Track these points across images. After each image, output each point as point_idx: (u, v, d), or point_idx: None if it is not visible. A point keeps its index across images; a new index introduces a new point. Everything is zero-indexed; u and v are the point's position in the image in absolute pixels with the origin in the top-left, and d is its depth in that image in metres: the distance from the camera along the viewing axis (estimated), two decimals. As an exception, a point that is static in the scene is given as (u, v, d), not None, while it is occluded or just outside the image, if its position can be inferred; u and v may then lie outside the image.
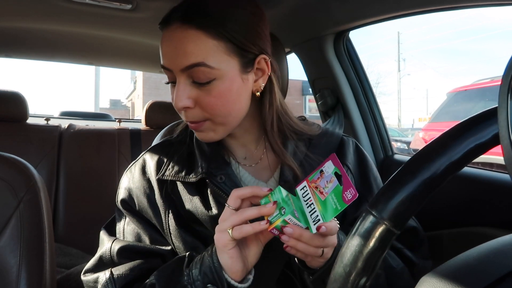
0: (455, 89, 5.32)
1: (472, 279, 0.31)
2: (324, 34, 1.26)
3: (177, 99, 0.62)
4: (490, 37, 57.38)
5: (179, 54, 0.60)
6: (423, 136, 5.37)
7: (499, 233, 0.74)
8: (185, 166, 0.69)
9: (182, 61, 0.60)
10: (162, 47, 0.63)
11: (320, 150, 0.74)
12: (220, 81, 0.61)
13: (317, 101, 1.44)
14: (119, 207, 0.72)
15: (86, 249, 1.61)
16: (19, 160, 0.80)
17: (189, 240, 0.66)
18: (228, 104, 0.63)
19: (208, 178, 0.66)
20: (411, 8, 0.99)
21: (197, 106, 0.63)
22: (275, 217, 0.55)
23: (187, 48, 0.60)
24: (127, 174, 0.75)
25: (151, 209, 0.68)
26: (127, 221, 0.71)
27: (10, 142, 1.71)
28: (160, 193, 0.68)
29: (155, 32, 1.64)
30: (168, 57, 0.62)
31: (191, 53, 0.60)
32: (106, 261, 0.67)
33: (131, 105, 24.12)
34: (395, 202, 0.35)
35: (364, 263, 0.36)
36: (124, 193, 0.72)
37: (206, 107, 0.62)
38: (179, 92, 0.61)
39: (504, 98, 0.30)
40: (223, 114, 0.64)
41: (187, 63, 0.60)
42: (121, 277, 0.63)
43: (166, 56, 0.63)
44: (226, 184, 0.66)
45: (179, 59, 0.61)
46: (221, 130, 0.66)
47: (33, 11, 1.38)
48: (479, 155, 0.36)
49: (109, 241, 0.68)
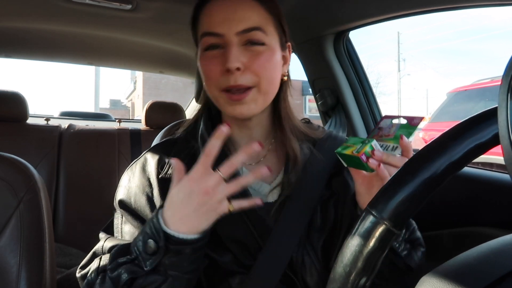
0: (455, 89, 5.31)
1: (472, 279, 0.31)
2: (324, 34, 1.26)
3: (232, 59, 0.63)
4: (490, 37, 57.42)
5: (235, 19, 0.64)
6: (423, 136, 5.37)
7: (499, 233, 0.74)
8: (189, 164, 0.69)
9: (239, 25, 0.64)
10: (212, 14, 0.66)
11: (324, 154, 0.74)
12: (269, 48, 0.66)
13: (317, 101, 1.44)
14: (116, 205, 0.72)
15: (86, 249, 1.60)
16: (19, 160, 0.80)
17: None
18: (273, 71, 0.67)
19: None
20: (411, 8, 0.99)
21: (247, 70, 0.65)
22: (360, 148, 0.59)
23: (245, 14, 0.65)
24: (127, 173, 0.74)
25: (148, 207, 0.67)
26: (124, 220, 0.70)
27: (10, 142, 1.71)
28: (160, 192, 0.67)
29: (155, 32, 1.65)
30: (222, 20, 0.65)
31: (249, 18, 0.65)
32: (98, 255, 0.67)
33: (131, 105, 24.12)
34: (395, 202, 0.35)
35: (364, 263, 0.36)
36: (123, 191, 0.71)
37: (256, 69, 0.65)
38: (233, 53, 0.63)
39: (504, 98, 0.30)
40: (269, 79, 0.67)
41: (245, 26, 0.64)
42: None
43: (219, 19, 0.65)
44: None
45: (235, 23, 0.64)
46: (261, 101, 0.67)
47: (33, 11, 1.38)
48: (479, 155, 0.36)
49: (102, 239, 0.69)
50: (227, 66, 0.63)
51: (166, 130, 1.08)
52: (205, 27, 0.66)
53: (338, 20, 1.18)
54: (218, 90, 0.66)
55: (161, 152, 0.72)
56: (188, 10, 0.72)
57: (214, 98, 0.68)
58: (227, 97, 0.65)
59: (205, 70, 0.67)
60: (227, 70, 0.63)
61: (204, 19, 0.67)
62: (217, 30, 0.65)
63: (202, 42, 0.67)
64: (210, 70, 0.66)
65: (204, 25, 0.67)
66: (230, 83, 0.64)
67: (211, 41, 0.66)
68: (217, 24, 0.65)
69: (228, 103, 0.66)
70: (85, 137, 1.87)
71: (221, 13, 0.65)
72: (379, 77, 27.71)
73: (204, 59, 0.67)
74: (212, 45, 0.66)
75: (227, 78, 0.64)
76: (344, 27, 1.22)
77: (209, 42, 0.66)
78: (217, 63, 0.65)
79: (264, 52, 0.65)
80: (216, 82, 0.65)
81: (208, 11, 0.67)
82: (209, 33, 0.66)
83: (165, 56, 1.95)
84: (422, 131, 5.71)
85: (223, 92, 0.65)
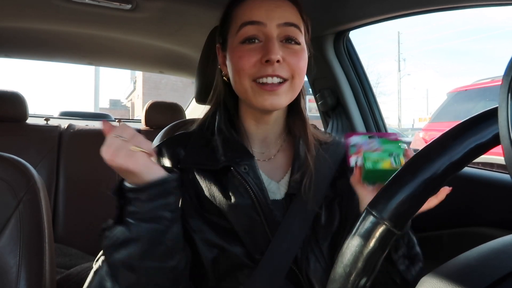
0: (455, 89, 5.31)
1: (473, 279, 0.31)
2: (324, 34, 1.26)
3: (275, 51, 0.65)
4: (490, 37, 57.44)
5: (279, 11, 0.68)
6: (423, 136, 5.36)
7: (499, 233, 0.74)
8: (205, 155, 0.71)
9: (283, 17, 0.67)
10: (255, 5, 0.68)
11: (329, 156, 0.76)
12: (302, 48, 0.70)
13: (317, 101, 1.44)
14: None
15: (86, 249, 1.61)
16: (19, 160, 0.80)
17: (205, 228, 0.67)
18: (304, 70, 0.71)
19: (233, 166, 0.68)
20: (411, 8, 0.99)
21: (284, 63, 0.67)
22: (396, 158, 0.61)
23: (285, 11, 0.69)
24: None
25: None
26: None
27: (10, 142, 1.71)
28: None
29: (155, 32, 1.65)
30: (264, 12, 0.67)
31: (289, 15, 0.69)
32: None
33: (130, 105, 24.11)
34: (396, 202, 0.35)
35: (364, 264, 0.35)
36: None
37: (293, 65, 0.68)
38: (275, 46, 0.66)
39: (504, 98, 0.30)
40: (301, 76, 0.70)
41: (288, 20, 0.68)
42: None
43: (261, 11, 0.67)
44: (249, 175, 0.68)
45: (279, 14, 0.67)
46: (290, 96, 0.70)
47: (33, 11, 1.38)
48: (480, 155, 0.36)
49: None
50: (269, 57, 0.65)
51: (166, 130, 1.08)
52: (246, 18, 0.68)
53: (338, 20, 1.18)
54: (250, 80, 0.67)
55: (176, 144, 0.74)
56: (188, 10, 0.73)
57: (244, 90, 0.69)
58: (260, 88, 0.67)
59: (240, 61, 0.67)
60: (266, 61, 0.65)
61: (243, 12, 0.69)
62: (260, 18, 0.67)
63: (240, 34, 0.68)
64: (246, 61, 0.67)
65: (244, 16, 0.68)
66: (268, 72, 0.66)
67: (251, 31, 0.67)
68: (259, 15, 0.67)
69: (259, 94, 0.67)
70: (85, 137, 1.87)
71: (263, 6, 0.68)
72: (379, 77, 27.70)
73: (239, 51, 0.68)
74: (250, 38, 0.67)
75: (265, 68, 0.66)
76: (344, 27, 1.22)
77: (248, 33, 0.67)
78: (254, 55, 0.66)
79: (299, 51, 0.69)
80: (251, 72, 0.67)
81: (250, 4, 0.69)
82: (250, 22, 0.67)
83: (165, 56, 1.95)
84: (422, 131, 5.71)
85: (256, 84, 0.67)
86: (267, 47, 0.65)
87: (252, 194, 0.67)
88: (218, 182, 0.69)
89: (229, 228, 0.67)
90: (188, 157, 0.71)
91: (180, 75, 2.51)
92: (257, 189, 0.67)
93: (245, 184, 0.67)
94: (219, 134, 0.72)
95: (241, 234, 0.67)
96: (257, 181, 0.68)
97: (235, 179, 0.68)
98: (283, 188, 0.72)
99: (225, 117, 0.74)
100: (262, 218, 0.67)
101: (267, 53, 0.65)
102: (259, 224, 0.67)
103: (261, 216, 0.67)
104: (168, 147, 0.74)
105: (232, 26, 0.71)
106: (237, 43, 0.68)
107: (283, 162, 0.76)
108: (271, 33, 0.66)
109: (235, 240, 0.67)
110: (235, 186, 0.67)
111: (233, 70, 0.70)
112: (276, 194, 0.72)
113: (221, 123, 0.73)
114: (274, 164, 0.75)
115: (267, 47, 0.66)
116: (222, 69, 0.76)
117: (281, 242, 0.66)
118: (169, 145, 0.74)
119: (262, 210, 0.67)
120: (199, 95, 0.98)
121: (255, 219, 0.67)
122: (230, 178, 0.68)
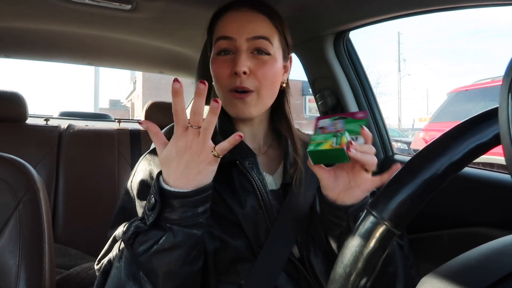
0: (455, 89, 5.32)
1: (473, 280, 0.31)
2: (324, 34, 1.26)
3: (241, 64, 0.71)
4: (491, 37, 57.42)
5: (248, 27, 0.73)
6: (424, 137, 5.37)
7: (499, 234, 0.74)
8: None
9: (251, 32, 0.73)
10: (228, 21, 0.75)
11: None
12: (273, 58, 0.74)
13: (317, 102, 1.44)
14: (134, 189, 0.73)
15: (86, 249, 1.61)
16: (19, 160, 0.80)
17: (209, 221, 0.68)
18: (275, 79, 0.75)
19: (239, 160, 0.73)
20: (411, 8, 0.98)
21: (252, 74, 0.72)
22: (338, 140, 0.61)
23: (256, 25, 0.74)
24: (146, 158, 0.77)
25: None
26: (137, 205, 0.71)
27: (10, 142, 1.71)
28: None
29: (155, 32, 1.65)
30: (235, 28, 0.73)
31: (260, 28, 0.74)
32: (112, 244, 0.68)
33: (130, 105, 24.12)
34: (396, 202, 0.35)
35: (364, 264, 0.35)
36: (143, 173, 0.73)
37: (260, 76, 0.72)
38: (243, 58, 0.71)
39: (505, 98, 0.30)
40: (269, 86, 0.74)
41: (256, 34, 0.73)
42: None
43: (233, 27, 0.73)
44: (253, 170, 0.73)
45: (248, 30, 0.73)
46: (260, 107, 0.75)
47: (33, 11, 1.38)
48: (480, 156, 0.36)
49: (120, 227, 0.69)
50: (236, 69, 0.70)
51: (166, 130, 1.08)
52: (220, 32, 0.75)
53: (338, 20, 1.18)
54: (226, 90, 0.73)
55: None
56: (188, 10, 0.73)
57: (222, 99, 0.74)
58: (232, 96, 0.73)
59: (216, 72, 0.74)
60: (235, 73, 0.71)
61: (219, 26, 0.76)
62: (231, 34, 0.73)
63: (216, 46, 0.75)
64: (220, 72, 0.73)
65: (219, 31, 0.75)
66: (237, 84, 0.72)
67: (223, 45, 0.73)
68: (230, 30, 0.73)
69: (231, 102, 0.73)
70: (85, 137, 1.87)
71: (235, 22, 0.74)
72: (379, 77, 27.73)
73: (216, 63, 0.75)
74: (224, 50, 0.74)
75: (235, 80, 0.72)
76: (344, 27, 1.22)
77: (222, 46, 0.74)
78: (227, 67, 0.72)
79: (268, 61, 0.73)
80: (225, 83, 0.73)
81: (224, 20, 0.75)
82: (223, 37, 0.73)
83: (165, 56, 1.95)
84: (423, 131, 5.71)
85: (230, 92, 0.73)
86: (235, 60, 0.72)
87: (255, 187, 0.72)
88: (224, 175, 0.72)
89: (233, 220, 0.70)
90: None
91: (180, 75, 2.50)
92: (259, 183, 0.72)
93: (250, 177, 0.72)
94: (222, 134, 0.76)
95: (245, 226, 0.69)
96: (259, 176, 0.73)
97: (241, 173, 0.73)
98: (277, 179, 0.78)
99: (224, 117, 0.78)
100: (263, 209, 0.72)
101: (235, 65, 0.71)
102: (261, 214, 0.71)
103: (262, 208, 0.72)
104: None
105: (213, 38, 0.77)
106: (215, 54, 0.75)
107: (274, 156, 0.81)
108: (240, 47, 0.72)
109: (238, 232, 0.69)
110: (240, 179, 0.72)
111: (213, 79, 0.76)
112: (272, 185, 0.76)
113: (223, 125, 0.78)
114: (267, 158, 0.80)
115: (235, 60, 0.72)
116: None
117: (280, 230, 0.70)
118: None
119: (263, 201, 0.72)
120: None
121: (257, 210, 0.71)
122: (235, 172, 0.73)
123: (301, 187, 0.74)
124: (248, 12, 0.75)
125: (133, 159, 1.86)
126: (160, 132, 0.59)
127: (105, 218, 0.75)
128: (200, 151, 0.58)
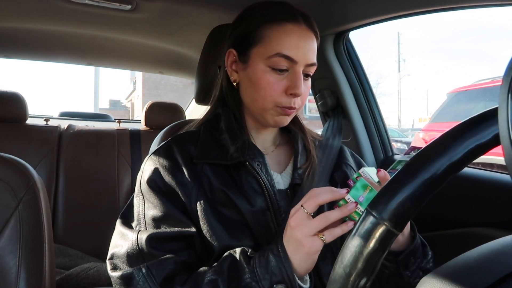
0: (455, 90, 5.32)
1: (473, 280, 0.31)
2: (324, 34, 1.26)
3: (301, 88, 0.71)
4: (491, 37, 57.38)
5: (310, 50, 0.72)
6: (423, 137, 5.37)
7: (499, 234, 0.74)
8: (218, 151, 0.74)
9: (312, 58, 0.73)
10: (291, 38, 0.71)
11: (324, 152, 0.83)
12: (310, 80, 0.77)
13: (317, 102, 1.44)
14: (142, 189, 0.72)
15: (86, 250, 1.61)
16: (19, 160, 0.80)
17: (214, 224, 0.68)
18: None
19: (248, 161, 0.72)
20: (411, 8, 0.99)
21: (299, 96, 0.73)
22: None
23: (313, 46, 0.74)
24: (152, 157, 0.75)
25: (180, 189, 0.69)
26: (147, 206, 0.70)
27: (10, 142, 1.71)
28: (190, 175, 0.71)
29: (155, 33, 1.65)
30: (301, 54, 0.71)
31: (313, 54, 0.74)
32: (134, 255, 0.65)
33: (130, 105, 24.11)
34: (395, 202, 0.35)
35: (364, 264, 0.35)
36: (151, 173, 0.72)
37: (304, 97, 0.75)
38: (301, 82, 0.72)
39: (505, 98, 0.30)
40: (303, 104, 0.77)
41: (312, 61, 0.73)
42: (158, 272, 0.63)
43: (298, 52, 0.71)
44: (262, 171, 0.72)
45: (309, 55, 0.72)
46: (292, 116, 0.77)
47: (32, 11, 1.38)
48: (480, 156, 0.36)
49: (133, 234, 0.67)
50: (294, 91, 0.71)
51: (166, 131, 1.08)
52: (281, 49, 0.70)
53: (338, 20, 1.18)
54: (273, 105, 0.72)
55: (185, 141, 0.76)
56: (188, 10, 0.73)
57: (263, 109, 0.74)
58: (281, 110, 0.73)
59: (269, 87, 0.72)
60: (291, 94, 0.71)
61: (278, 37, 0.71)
62: (295, 57, 0.71)
63: (273, 61, 0.71)
64: (274, 89, 0.71)
65: (280, 46, 0.70)
66: (290, 104, 0.72)
67: (284, 64, 0.71)
68: (295, 53, 0.70)
69: (274, 115, 0.74)
70: (85, 137, 1.87)
71: (301, 42, 0.71)
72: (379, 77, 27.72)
73: (269, 77, 0.72)
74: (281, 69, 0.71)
75: (288, 99, 0.72)
76: (344, 27, 1.22)
77: (281, 64, 0.71)
78: (282, 84, 0.71)
79: (308, 83, 0.76)
80: (276, 99, 0.72)
81: (284, 34, 0.71)
82: (285, 56, 0.70)
83: (165, 56, 1.95)
84: (422, 132, 5.71)
85: (278, 107, 0.73)
86: (294, 82, 0.71)
87: (264, 187, 0.72)
88: (231, 176, 0.73)
89: (241, 221, 0.69)
90: (201, 153, 0.74)
91: (180, 75, 2.51)
92: (268, 184, 0.72)
93: (259, 178, 0.72)
94: (229, 132, 0.76)
95: (253, 226, 0.69)
96: (268, 177, 0.73)
97: (249, 174, 0.72)
98: (286, 179, 0.78)
99: (231, 117, 0.78)
100: (271, 210, 0.71)
101: (294, 87, 0.71)
102: (268, 215, 0.71)
103: (270, 209, 0.71)
104: (178, 143, 0.76)
105: (262, 45, 0.72)
106: (266, 66, 0.72)
107: (283, 156, 0.82)
108: (299, 71, 0.72)
109: (245, 234, 0.69)
110: (249, 180, 0.72)
111: (256, 89, 0.73)
112: (280, 185, 0.76)
113: (230, 123, 0.77)
114: (275, 158, 0.81)
115: (294, 82, 0.71)
116: (229, 73, 0.78)
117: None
118: (178, 142, 0.76)
119: (271, 202, 0.72)
120: (199, 96, 0.98)
121: (265, 211, 0.71)
122: (243, 173, 0.73)
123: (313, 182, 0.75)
124: (306, 30, 0.73)
125: (133, 159, 1.86)
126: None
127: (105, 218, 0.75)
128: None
